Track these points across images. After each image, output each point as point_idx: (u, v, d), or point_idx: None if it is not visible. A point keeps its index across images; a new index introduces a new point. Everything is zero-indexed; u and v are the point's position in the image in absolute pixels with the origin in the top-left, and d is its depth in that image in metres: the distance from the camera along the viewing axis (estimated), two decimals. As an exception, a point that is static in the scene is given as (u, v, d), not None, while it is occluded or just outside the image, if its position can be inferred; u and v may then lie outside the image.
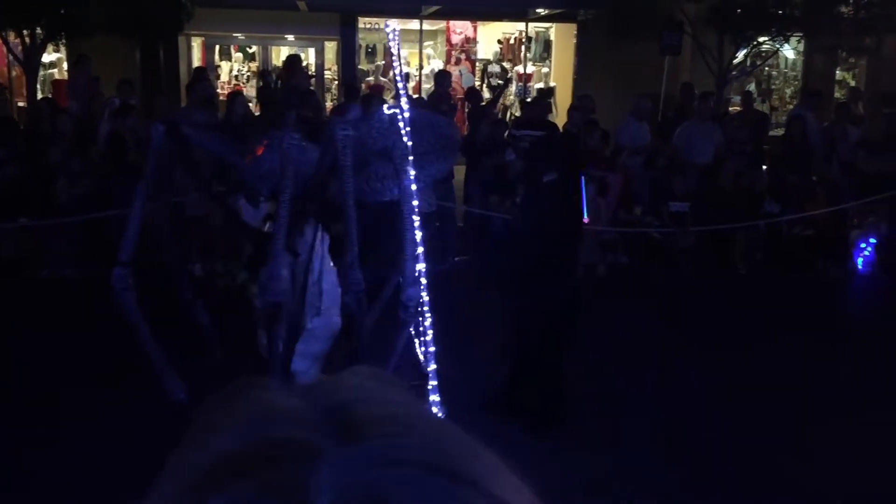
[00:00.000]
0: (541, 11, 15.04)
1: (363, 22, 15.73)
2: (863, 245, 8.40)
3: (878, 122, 10.29)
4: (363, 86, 15.29)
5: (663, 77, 12.14)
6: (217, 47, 16.77)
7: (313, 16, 14.90)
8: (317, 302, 4.50)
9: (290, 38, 16.24)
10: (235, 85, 15.65)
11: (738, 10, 11.09)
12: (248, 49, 17.13)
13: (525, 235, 5.05)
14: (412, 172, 3.95)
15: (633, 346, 6.28)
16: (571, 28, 15.06)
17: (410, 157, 3.96)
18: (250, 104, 10.80)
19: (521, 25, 16.38)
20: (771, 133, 11.38)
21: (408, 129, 3.96)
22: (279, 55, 15.98)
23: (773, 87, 19.93)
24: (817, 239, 8.55)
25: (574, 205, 5.10)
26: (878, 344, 6.49)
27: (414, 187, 4.05)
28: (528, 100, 12.60)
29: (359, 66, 16.06)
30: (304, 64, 14.93)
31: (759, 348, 6.32)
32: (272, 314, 4.16)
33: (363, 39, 16.65)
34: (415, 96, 14.76)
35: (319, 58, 16.24)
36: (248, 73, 16.94)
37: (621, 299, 7.65)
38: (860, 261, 8.42)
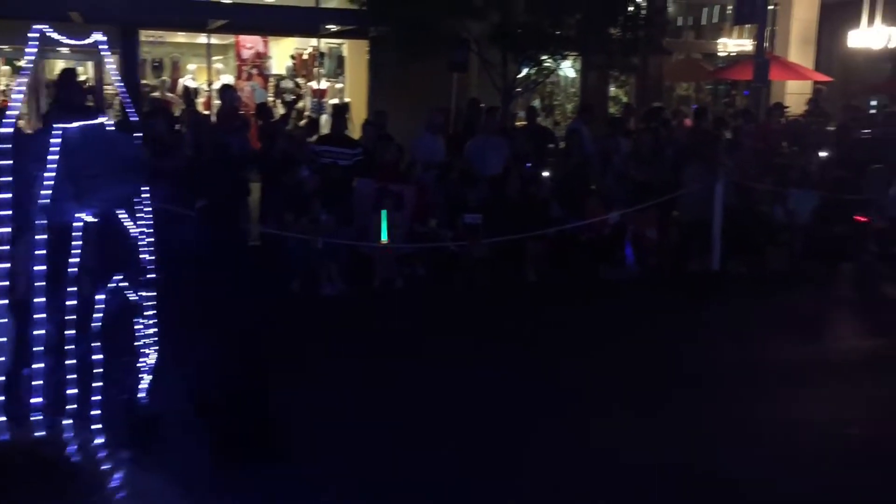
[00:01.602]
0: (332, 27, 15.07)
1: (145, 35, 15.03)
2: (634, 249, 9.08)
3: (646, 136, 11.16)
4: (149, 101, 14.61)
5: (452, 93, 12.55)
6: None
7: (92, 28, 14.01)
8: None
9: (65, 51, 15.18)
10: (2, 101, 14.40)
11: (519, 30, 11.66)
12: (15, 62, 15.82)
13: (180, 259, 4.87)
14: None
15: (429, 360, 6.43)
16: (363, 44, 15.19)
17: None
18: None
19: (313, 41, 16.32)
20: (553, 146, 12.03)
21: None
22: (54, 69, 14.89)
23: (556, 102, 21.16)
24: (596, 245, 9.13)
25: (231, 231, 4.89)
26: (650, 341, 7.06)
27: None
28: (325, 116, 12.58)
29: (143, 81, 15.31)
30: (83, 78, 14.04)
31: (543, 352, 6.68)
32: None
33: (147, 53, 15.91)
34: (205, 112, 14.33)
35: (98, 72, 15.30)
36: (19, 88, 15.61)
37: (419, 312, 7.83)
38: (633, 264, 9.10)
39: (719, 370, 6.28)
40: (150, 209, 4.07)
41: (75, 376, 3.57)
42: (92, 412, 3.64)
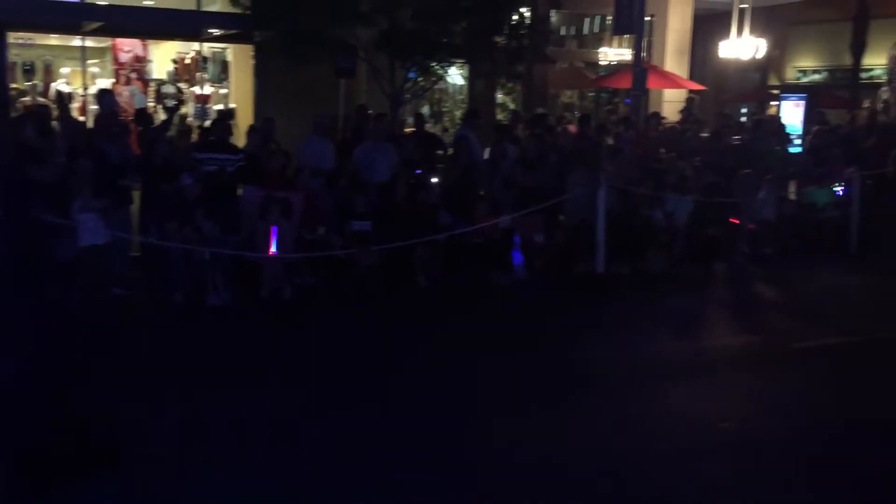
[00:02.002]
0: (214, 31, 14.69)
1: (14, 37, 14.25)
2: (522, 253, 9.26)
3: (532, 142, 11.39)
4: (20, 106, 13.86)
5: (340, 99, 12.46)
6: None
7: (-48, 28, 13.19)
8: None
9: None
10: None
11: (406, 37, 11.68)
12: None
13: None
14: None
15: (316, 368, 6.36)
16: (248, 49, 14.87)
17: None
18: None
19: (196, 45, 15.86)
20: (442, 152, 12.12)
21: None
22: None
23: (444, 109, 21.34)
24: (485, 249, 9.24)
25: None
26: (538, 343, 7.21)
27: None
28: (207, 124, 12.25)
29: (13, 85, 14.51)
30: (-57, 82, 13.18)
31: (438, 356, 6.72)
32: None
33: (17, 56, 15.09)
34: (80, 118, 13.70)
35: (-39, 75, 14.40)
36: None
37: (308, 321, 7.73)
38: (521, 267, 9.27)
39: (603, 369, 6.48)
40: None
41: None
42: None
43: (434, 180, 10.27)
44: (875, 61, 24.94)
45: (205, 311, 7.82)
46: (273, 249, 8.34)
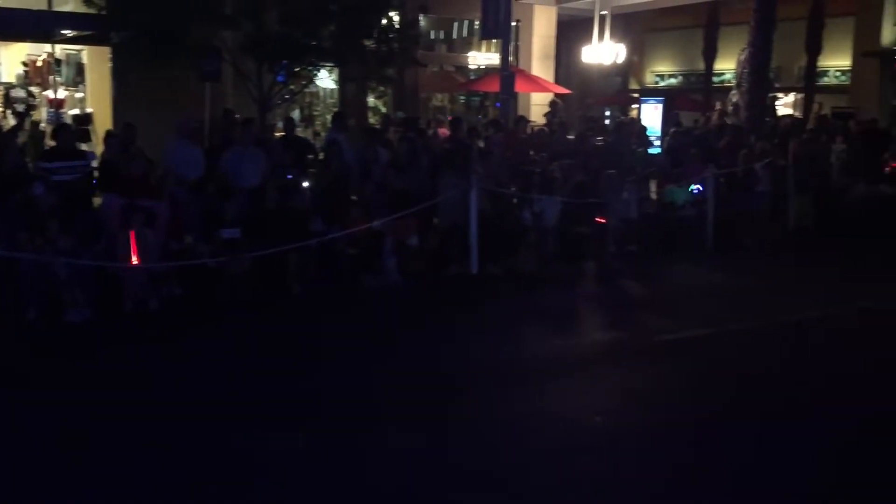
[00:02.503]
0: (67, 33, 13.95)
1: None
2: (396, 256, 9.24)
3: (403, 145, 11.41)
4: None
5: (206, 103, 12.08)
6: None
7: None
8: None
9: None
10: None
11: (273, 40, 11.46)
12: None
13: None
14: None
15: (184, 382, 6.14)
16: (105, 51, 14.19)
17: None
18: None
19: (47, 47, 15.01)
20: (313, 157, 11.96)
21: None
22: None
23: (316, 113, 21.11)
24: (358, 254, 9.18)
25: None
26: (412, 345, 7.22)
27: None
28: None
29: None
30: None
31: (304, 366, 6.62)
32: None
33: None
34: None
35: None
36: None
37: (176, 334, 7.46)
38: (394, 271, 9.24)
39: (476, 369, 6.55)
40: None
41: None
42: None
43: (305, 184, 10.12)
44: (725, 66, 26.46)
45: (62, 328, 7.39)
46: (135, 260, 7.97)
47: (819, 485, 4.77)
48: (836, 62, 26.83)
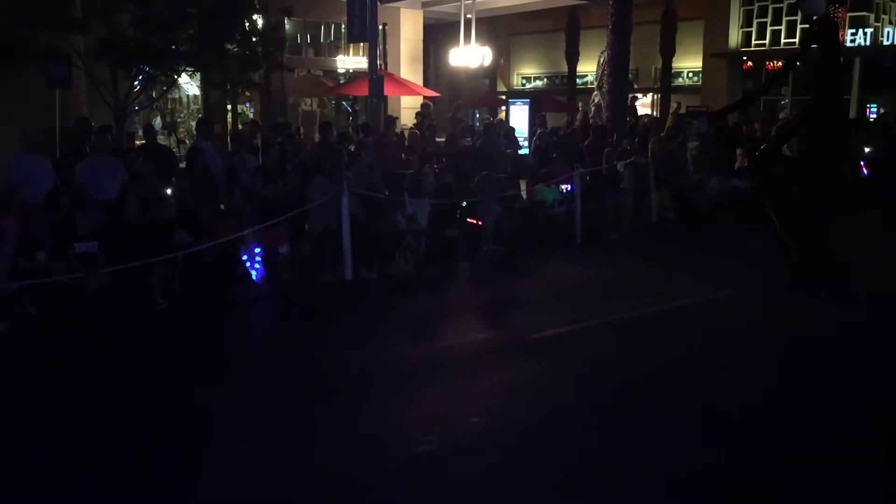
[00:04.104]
0: None
1: None
2: (266, 265, 8.99)
3: (272, 152, 11.15)
4: None
5: (56, 111, 11.43)
6: None
7: None
8: None
9: None
10: None
11: (126, 45, 10.97)
12: None
13: None
14: None
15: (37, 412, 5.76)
16: (-59, 56, 13.20)
17: None
18: None
19: None
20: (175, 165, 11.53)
21: None
22: None
23: (179, 119, 20.40)
24: (225, 264, 8.87)
25: None
26: (283, 355, 7.05)
27: None
28: None
29: None
30: None
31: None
32: None
33: None
34: None
35: None
36: None
37: (29, 356, 7.00)
38: (262, 280, 8.98)
39: (351, 375, 6.45)
40: None
41: None
42: None
43: (168, 192, 9.72)
44: (587, 68, 27.40)
45: None
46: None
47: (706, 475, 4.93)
48: (689, 63, 28.29)
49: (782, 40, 26.66)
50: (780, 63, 27.87)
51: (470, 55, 22.24)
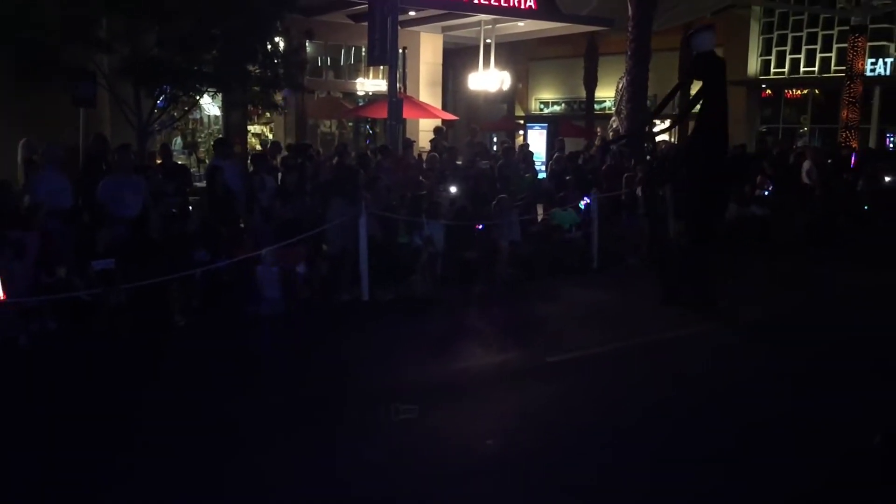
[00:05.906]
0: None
1: None
2: (283, 284, 9.02)
3: (292, 172, 11.22)
4: None
5: (81, 129, 11.60)
6: None
7: None
8: None
9: None
10: None
11: (150, 65, 11.11)
12: None
13: None
14: None
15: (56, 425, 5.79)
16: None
17: None
18: None
19: None
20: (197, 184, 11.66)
21: None
22: None
23: (199, 140, 20.61)
24: (245, 283, 8.91)
25: None
26: (300, 373, 7.06)
27: None
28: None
29: None
30: None
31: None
32: None
33: None
34: None
35: None
36: None
37: (49, 371, 7.04)
38: (279, 299, 9.01)
39: (366, 393, 6.44)
40: None
41: None
42: None
43: (189, 212, 9.81)
44: (605, 94, 27.49)
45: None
46: (0, 294, 7.50)
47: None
48: (708, 90, 28.14)
49: (801, 69, 26.68)
50: (798, 92, 27.94)
51: (489, 79, 22.35)
